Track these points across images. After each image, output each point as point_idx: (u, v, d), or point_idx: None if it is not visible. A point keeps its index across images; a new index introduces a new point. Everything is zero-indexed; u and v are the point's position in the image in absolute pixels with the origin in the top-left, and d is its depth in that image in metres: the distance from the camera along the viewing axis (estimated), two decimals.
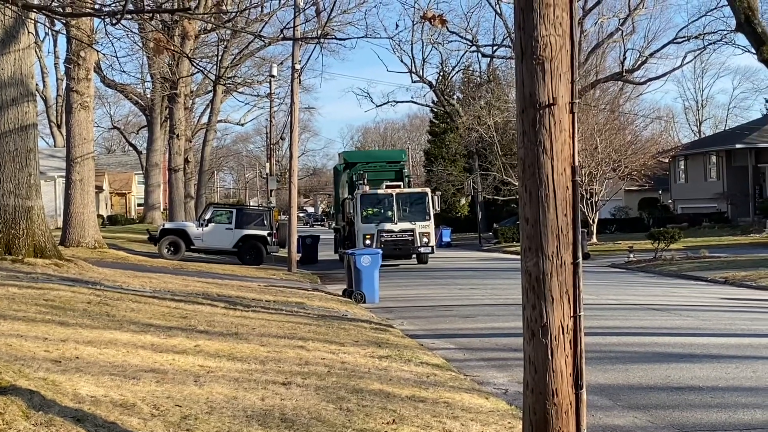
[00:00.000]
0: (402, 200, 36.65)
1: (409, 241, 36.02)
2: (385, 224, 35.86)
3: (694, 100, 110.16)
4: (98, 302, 15.08)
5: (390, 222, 35.97)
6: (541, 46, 5.50)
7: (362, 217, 36.06)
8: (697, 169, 62.83)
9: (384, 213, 36.36)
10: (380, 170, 40.83)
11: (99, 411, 7.36)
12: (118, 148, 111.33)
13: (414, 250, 36.51)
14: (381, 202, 36.69)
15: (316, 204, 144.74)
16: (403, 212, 36.35)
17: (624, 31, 64.30)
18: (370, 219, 36.07)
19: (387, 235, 35.73)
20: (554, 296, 5.54)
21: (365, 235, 35.55)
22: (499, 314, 19.13)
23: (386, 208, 36.44)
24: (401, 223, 36.03)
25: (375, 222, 35.93)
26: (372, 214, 36.31)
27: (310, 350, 12.08)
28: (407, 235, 35.97)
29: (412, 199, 37.24)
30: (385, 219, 36.09)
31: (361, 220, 35.99)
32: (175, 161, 51.54)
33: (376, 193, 36.78)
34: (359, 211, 36.12)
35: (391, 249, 35.42)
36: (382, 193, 36.77)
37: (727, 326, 16.45)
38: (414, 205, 36.83)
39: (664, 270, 31.97)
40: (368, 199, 36.57)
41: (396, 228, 35.94)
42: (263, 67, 65.36)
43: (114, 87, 61.72)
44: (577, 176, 5.60)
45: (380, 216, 36.27)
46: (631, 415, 9.50)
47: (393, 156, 46.05)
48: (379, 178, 39.11)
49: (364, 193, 36.56)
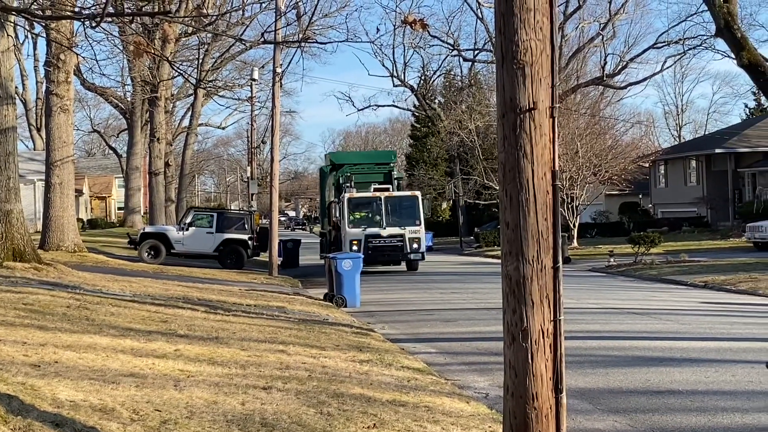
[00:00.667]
0: (391, 204, 35.24)
1: (398, 246, 34.63)
2: (373, 229, 34.47)
3: (674, 105, 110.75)
4: (78, 306, 15.01)
5: (378, 227, 34.57)
6: (521, 50, 5.51)
7: (349, 221, 34.36)
8: (677, 174, 63.10)
9: (372, 217, 34.98)
10: (368, 172, 39.05)
11: (78, 415, 7.32)
12: (98, 151, 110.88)
13: (403, 256, 35.14)
14: (369, 206, 35.25)
15: (297, 208, 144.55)
16: (392, 217, 34.96)
17: (605, 35, 64.53)
18: (358, 223, 34.57)
19: (375, 240, 34.29)
20: (534, 300, 5.54)
21: (352, 240, 33.95)
22: (480, 318, 19.15)
23: (374, 212, 35.04)
24: (390, 228, 34.65)
25: (362, 227, 34.45)
26: (359, 218, 34.84)
27: (291, 354, 12.06)
28: (396, 240, 34.57)
29: (402, 202, 35.84)
30: (373, 224, 34.69)
31: (348, 224, 34.32)
32: (155, 165, 51.38)
33: (363, 197, 35.26)
34: (346, 215, 34.40)
35: (379, 255, 34.40)
36: (369, 197, 35.21)
37: (706, 330, 16.51)
38: (403, 209, 35.54)
39: (644, 274, 32.08)
40: (355, 203, 35.08)
41: (384, 233, 34.52)
42: (244, 71, 65.30)
43: (94, 90, 61.51)
44: (557, 180, 5.61)
45: (368, 220, 34.85)
46: (611, 418, 9.53)
47: (382, 157, 44.07)
48: (368, 180, 37.52)
49: (351, 197, 34.93)
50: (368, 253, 33.02)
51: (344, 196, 34.92)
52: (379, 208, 34.82)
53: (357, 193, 35.29)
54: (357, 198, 35.16)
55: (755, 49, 31.14)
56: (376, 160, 42.36)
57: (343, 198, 34.92)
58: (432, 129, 76.44)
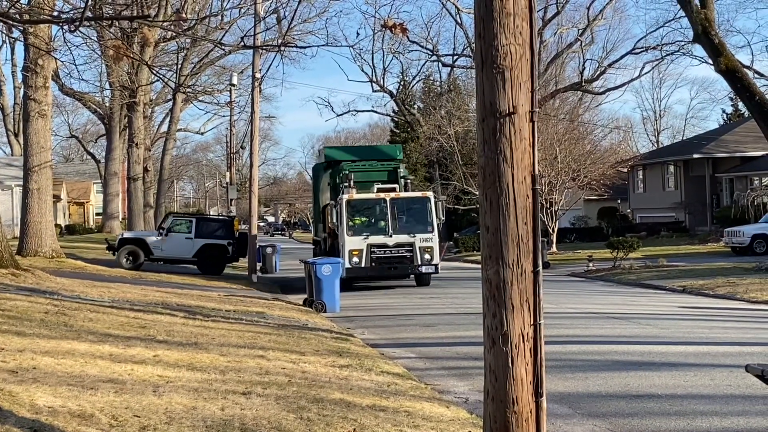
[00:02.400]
0: (398, 207, 29.86)
1: (407, 258, 29.38)
2: (377, 237, 29.32)
3: (653, 111, 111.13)
4: (56, 312, 14.92)
5: (383, 234, 29.39)
6: (501, 55, 5.52)
7: (348, 227, 29.24)
8: (656, 179, 63.41)
9: (375, 223, 29.95)
10: (370, 170, 32.88)
11: (56, 422, 7.27)
12: (77, 156, 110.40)
13: (413, 269, 29.64)
14: (372, 210, 30.32)
15: (276, 213, 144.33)
16: (399, 222, 29.67)
17: (583, 41, 64.82)
18: (359, 230, 29.45)
19: (379, 250, 29.15)
20: (515, 304, 5.55)
21: (352, 250, 28.95)
22: (459, 323, 19.16)
23: (378, 216, 30.08)
24: (397, 235, 29.39)
25: (364, 234, 29.32)
26: (360, 224, 29.78)
27: (271, 360, 12.03)
28: (405, 250, 29.35)
29: (411, 205, 30.37)
30: (377, 231, 29.54)
31: (347, 231, 29.19)
32: (134, 170, 51.23)
33: (365, 198, 30.07)
34: (345, 220, 29.25)
35: (384, 268, 29.46)
36: (372, 198, 30.10)
37: (685, 334, 16.58)
38: (413, 213, 30.21)
39: (623, 279, 32.19)
40: (356, 206, 29.86)
41: (391, 242, 29.32)
42: (223, 76, 65.22)
43: (72, 95, 61.26)
44: (537, 185, 5.62)
45: (371, 227, 29.80)
46: (590, 423, 9.54)
47: (385, 152, 37.04)
48: (370, 179, 31.70)
49: (351, 198, 29.59)
50: (371, 266, 29.13)
51: (342, 198, 29.65)
52: (384, 213, 29.79)
53: (357, 195, 29.93)
54: (357, 200, 29.94)
55: (732, 55, 31.33)
56: (378, 155, 35.81)
57: (341, 200, 29.63)
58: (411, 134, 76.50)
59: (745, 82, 30.82)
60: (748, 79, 32.01)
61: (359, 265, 28.99)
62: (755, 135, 47.96)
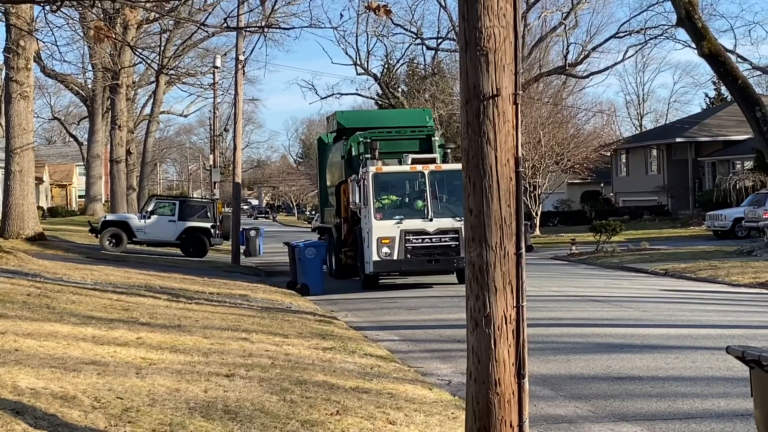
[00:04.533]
0: (439, 183, 23.65)
1: (451, 248, 23.19)
2: (413, 221, 23.24)
3: (636, 95, 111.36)
4: (38, 294, 14.88)
5: (421, 218, 23.27)
6: (485, 37, 5.52)
7: (376, 209, 23.28)
8: (638, 163, 63.56)
9: (410, 204, 24.01)
10: (398, 138, 26.40)
11: (39, 403, 7.26)
12: (59, 139, 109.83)
13: (459, 261, 22.70)
14: (405, 187, 24.49)
15: (260, 196, 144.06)
16: (440, 203, 23.66)
17: (567, 25, 64.72)
18: (389, 213, 23.37)
19: (417, 238, 23.13)
20: (497, 286, 5.57)
21: (381, 238, 22.98)
22: (443, 306, 19.21)
23: (413, 195, 24.15)
24: (439, 219, 23.29)
25: (397, 218, 23.23)
26: (391, 205, 23.73)
27: (254, 342, 12.04)
28: (449, 238, 23.20)
29: (456, 180, 22.70)
30: (413, 213, 23.51)
31: (375, 214, 23.19)
32: (116, 152, 51.01)
33: (397, 171, 24.05)
34: (371, 200, 23.25)
35: (423, 261, 23.24)
36: (407, 172, 23.93)
37: (667, 317, 16.66)
38: (458, 191, 21.66)
39: (605, 262, 32.29)
40: (386, 182, 23.95)
41: (431, 228, 23.18)
42: (207, 59, 64.91)
43: (54, 77, 60.87)
44: (520, 167, 5.64)
45: (404, 208, 23.81)
46: (572, 404, 9.59)
47: (414, 117, 29.65)
48: (397, 150, 25.41)
49: (379, 171, 23.62)
50: (407, 258, 23.06)
51: (368, 171, 23.54)
52: (422, 190, 23.68)
53: (387, 167, 24.04)
54: (388, 174, 23.97)
55: (716, 39, 31.38)
56: (405, 121, 28.71)
57: (367, 174, 23.54)
58: None
59: (728, 66, 30.87)
60: (731, 63, 32.07)
61: (390, 257, 22.94)
62: (738, 119, 48.12)
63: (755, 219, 38.54)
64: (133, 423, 7.12)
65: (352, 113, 35.32)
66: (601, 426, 8.70)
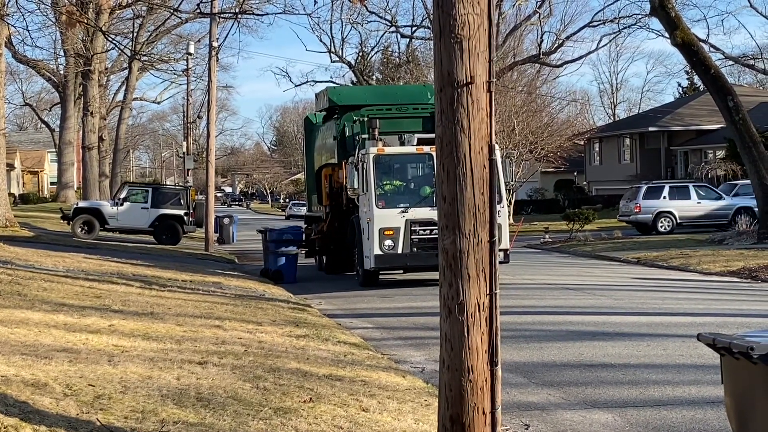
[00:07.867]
0: None
1: None
2: (419, 210, 20.68)
3: (609, 84, 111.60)
4: (9, 281, 14.78)
5: (429, 206, 20.32)
6: (459, 24, 5.52)
7: (377, 196, 20.67)
8: (612, 152, 63.80)
9: (415, 191, 21.45)
10: (399, 116, 23.39)
11: (10, 390, 7.21)
12: (31, 125, 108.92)
13: None
14: (409, 171, 22.08)
15: (234, 183, 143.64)
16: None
17: (541, 13, 64.77)
18: (392, 201, 20.82)
19: (423, 230, 20.51)
20: (471, 274, 5.58)
21: (383, 229, 20.45)
22: (416, 294, 19.24)
23: (419, 181, 21.72)
24: None
25: (401, 206, 20.66)
26: (394, 191, 21.18)
27: (227, 330, 12.01)
28: None
29: None
30: (419, 201, 20.96)
31: (377, 202, 20.60)
32: (89, 139, 50.68)
33: (401, 153, 21.41)
34: (372, 185, 20.66)
35: (431, 255, 19.41)
36: (411, 153, 21.36)
37: (639, 305, 16.76)
38: None
39: (578, 250, 32.44)
40: (388, 165, 21.39)
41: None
42: (180, 45, 64.45)
43: (26, 63, 60.32)
44: (494, 155, 5.65)
45: (409, 195, 21.25)
46: (545, 392, 9.64)
47: (414, 94, 26.12)
48: (398, 129, 22.43)
49: (381, 153, 21.01)
50: (412, 251, 20.53)
51: (368, 153, 20.98)
52: (428, 175, 21.20)
53: (390, 149, 21.37)
54: (391, 155, 21.35)
55: (689, 29, 31.55)
56: (405, 98, 25.21)
57: (367, 155, 20.97)
58: None
59: (701, 56, 31.05)
60: (704, 52, 32.26)
61: (394, 250, 20.46)
62: (710, 108, 48.35)
63: (627, 213, 38.93)
64: (105, 410, 7.08)
65: (346, 89, 32.85)
66: (573, 413, 8.74)
